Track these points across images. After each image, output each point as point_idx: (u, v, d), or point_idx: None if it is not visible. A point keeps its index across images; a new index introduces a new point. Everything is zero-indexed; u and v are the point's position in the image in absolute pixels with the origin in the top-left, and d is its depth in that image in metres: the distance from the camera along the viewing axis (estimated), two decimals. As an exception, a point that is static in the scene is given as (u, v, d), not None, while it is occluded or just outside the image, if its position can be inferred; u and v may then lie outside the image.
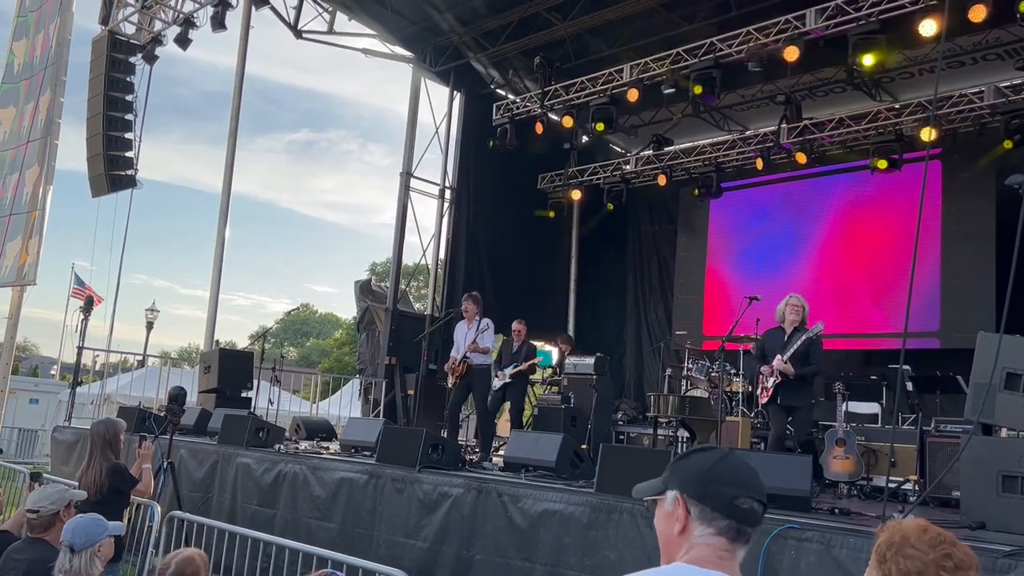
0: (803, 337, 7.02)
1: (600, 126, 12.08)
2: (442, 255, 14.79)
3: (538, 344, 17.58)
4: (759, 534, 4.41)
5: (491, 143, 13.33)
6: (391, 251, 14.71)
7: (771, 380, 7.00)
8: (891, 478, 7.72)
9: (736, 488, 1.66)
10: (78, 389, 12.19)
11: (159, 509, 6.08)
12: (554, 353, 14.51)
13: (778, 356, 7.01)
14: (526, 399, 10.90)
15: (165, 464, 6.47)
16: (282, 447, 8.34)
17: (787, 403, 7.03)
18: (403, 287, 14.76)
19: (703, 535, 1.65)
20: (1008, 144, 10.67)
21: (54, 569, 3.76)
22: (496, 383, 9.44)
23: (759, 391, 7.27)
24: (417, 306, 16.33)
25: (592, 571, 5.18)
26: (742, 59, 10.45)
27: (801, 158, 12.46)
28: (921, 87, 12.31)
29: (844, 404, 7.99)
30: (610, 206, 15.19)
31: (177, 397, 6.90)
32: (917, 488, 7.25)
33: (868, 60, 9.39)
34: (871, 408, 9.40)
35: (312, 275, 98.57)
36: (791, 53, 9.83)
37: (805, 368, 7.00)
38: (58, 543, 3.89)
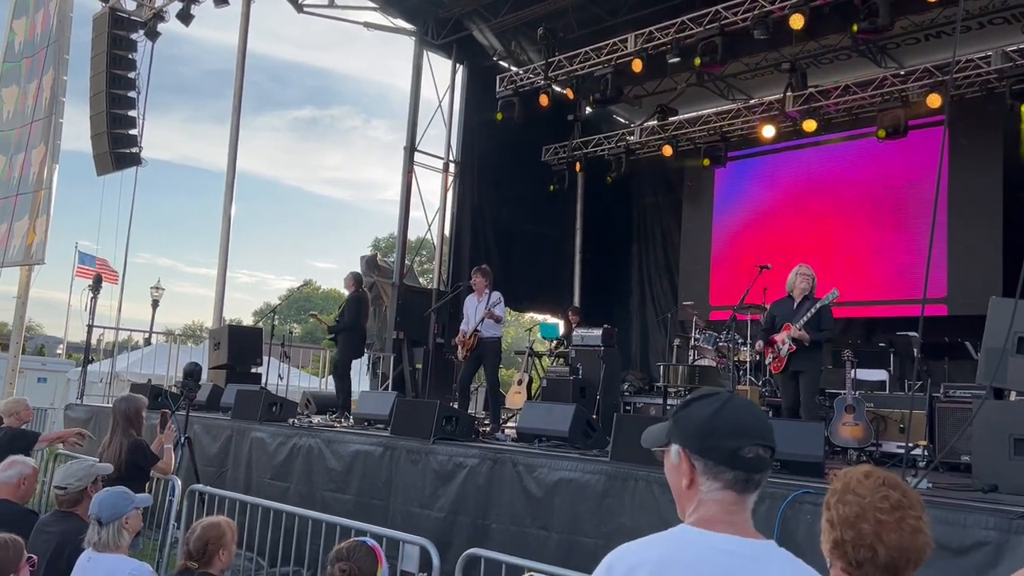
0: (817, 305, 7.05)
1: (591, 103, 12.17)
2: (447, 229, 14.80)
3: (543, 317, 17.72)
4: (774, 499, 4.50)
5: (498, 115, 13.26)
6: (394, 226, 14.79)
7: (784, 349, 7.04)
8: (900, 444, 7.83)
9: (738, 438, 1.61)
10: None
11: (179, 483, 6.16)
12: (561, 325, 14.58)
13: (790, 326, 7.05)
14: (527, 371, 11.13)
15: (183, 439, 6.53)
16: (295, 421, 8.41)
17: (797, 368, 7.08)
18: (408, 262, 14.78)
19: (710, 490, 1.62)
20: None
21: (84, 541, 3.83)
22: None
23: (769, 361, 7.30)
24: (421, 280, 16.36)
25: (608, 538, 5.24)
26: (747, 27, 10.39)
27: (810, 125, 12.39)
28: (927, 53, 12.22)
29: (853, 371, 8.05)
30: (608, 179, 15.12)
31: (192, 373, 6.94)
32: (927, 453, 7.33)
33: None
34: (879, 375, 9.45)
35: (314, 252, 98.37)
36: (796, 21, 9.76)
37: (819, 333, 7.05)
38: (87, 516, 3.95)
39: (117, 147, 12.84)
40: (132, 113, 13.00)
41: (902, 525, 1.77)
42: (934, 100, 11.03)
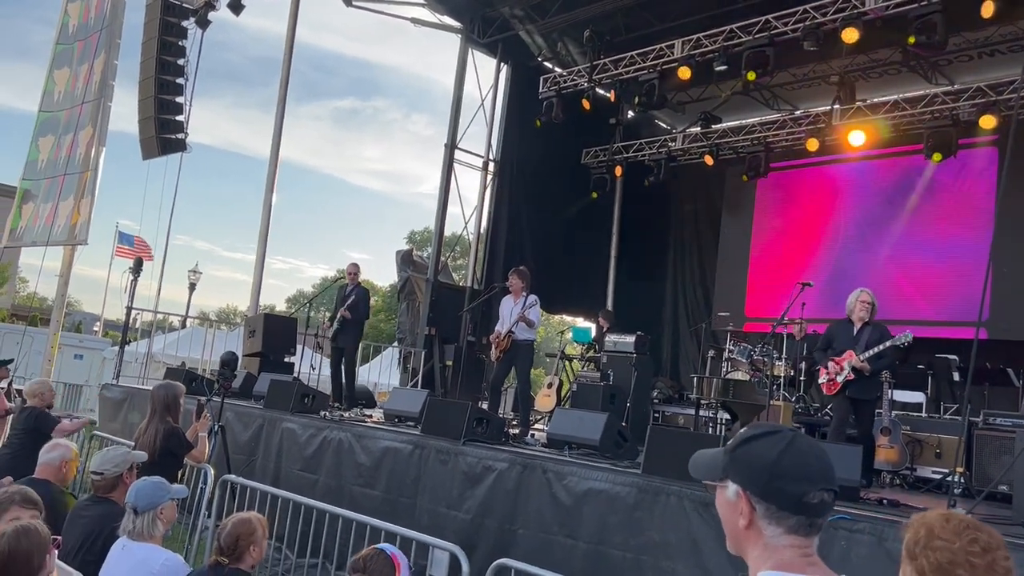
0: (887, 343, 6.93)
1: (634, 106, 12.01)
2: (483, 228, 14.80)
3: (575, 320, 17.66)
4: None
5: (538, 121, 13.25)
6: (430, 220, 14.88)
7: (843, 376, 6.95)
8: (935, 469, 7.72)
9: (804, 483, 1.52)
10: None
11: (212, 472, 6.22)
12: (592, 329, 14.51)
13: (853, 353, 6.94)
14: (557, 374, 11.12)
15: (216, 428, 6.60)
16: (327, 414, 8.46)
17: (854, 396, 6.99)
18: (443, 259, 14.81)
19: (775, 535, 1.54)
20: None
21: (119, 528, 3.89)
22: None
23: (822, 382, 7.20)
24: (454, 276, 16.38)
25: (636, 551, 5.21)
26: (797, 38, 10.27)
27: (857, 140, 12.19)
28: (979, 71, 12.00)
29: (889, 392, 7.93)
30: (647, 182, 14.95)
31: (229, 362, 7.02)
32: (962, 480, 7.19)
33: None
34: (916, 397, 9.31)
35: (349, 241, 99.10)
36: (850, 35, 9.63)
37: (878, 363, 6.96)
38: (122, 502, 4.02)
39: (163, 132, 13.00)
40: (179, 99, 13.15)
41: (995, 567, 1.73)
42: (988, 121, 10.80)
